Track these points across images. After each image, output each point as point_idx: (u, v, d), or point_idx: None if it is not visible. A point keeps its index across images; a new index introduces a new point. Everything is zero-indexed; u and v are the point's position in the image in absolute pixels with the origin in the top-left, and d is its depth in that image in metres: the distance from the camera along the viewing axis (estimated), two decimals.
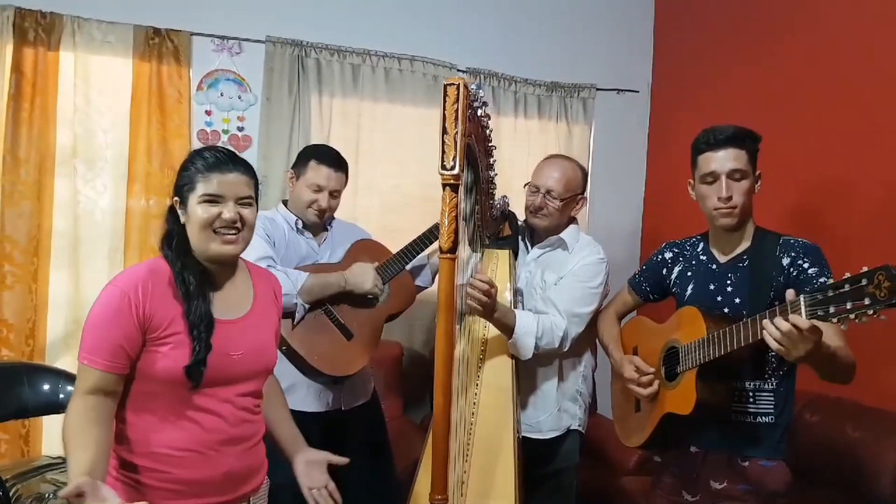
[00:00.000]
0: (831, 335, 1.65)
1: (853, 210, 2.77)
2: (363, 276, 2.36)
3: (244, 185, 1.58)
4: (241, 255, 1.87)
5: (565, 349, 2.21)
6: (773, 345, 1.55)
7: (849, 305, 1.37)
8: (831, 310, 1.41)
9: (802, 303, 1.47)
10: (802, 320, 1.48)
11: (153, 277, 1.53)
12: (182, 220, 1.58)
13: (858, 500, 2.41)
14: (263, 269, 1.84)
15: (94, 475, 1.35)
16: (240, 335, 1.61)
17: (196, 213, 1.54)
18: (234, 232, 1.56)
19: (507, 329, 2.12)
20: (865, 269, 1.36)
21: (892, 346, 2.54)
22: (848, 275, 1.39)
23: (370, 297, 2.41)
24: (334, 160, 2.42)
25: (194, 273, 1.56)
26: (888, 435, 2.39)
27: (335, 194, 2.42)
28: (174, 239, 1.59)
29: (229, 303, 1.62)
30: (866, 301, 1.34)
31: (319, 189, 2.38)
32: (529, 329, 2.12)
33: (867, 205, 2.72)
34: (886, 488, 2.31)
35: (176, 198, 1.59)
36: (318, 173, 2.38)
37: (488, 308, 2.02)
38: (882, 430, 2.41)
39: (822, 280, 1.76)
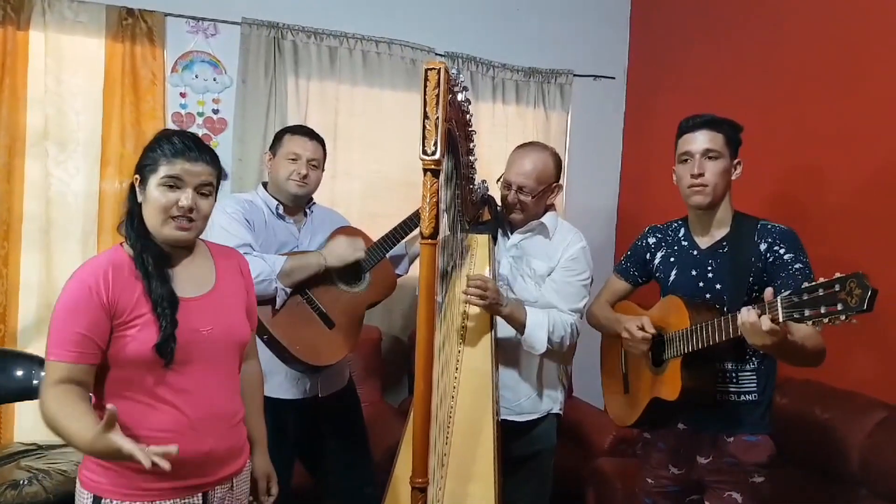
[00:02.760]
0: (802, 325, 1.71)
1: (827, 196, 2.82)
2: (341, 248, 2.35)
3: (207, 175, 1.59)
4: (218, 241, 1.87)
5: (575, 341, 2.26)
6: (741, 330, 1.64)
7: (822, 310, 1.42)
8: (806, 313, 1.46)
9: (779, 305, 1.53)
10: (767, 322, 1.55)
11: (114, 265, 1.55)
12: (139, 199, 1.59)
13: (828, 479, 2.47)
14: (225, 246, 1.84)
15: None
16: (206, 311, 1.62)
17: (154, 195, 1.56)
18: (187, 220, 1.57)
19: (519, 324, 2.16)
20: (838, 274, 1.40)
21: (860, 330, 2.59)
22: (822, 279, 1.44)
23: (357, 267, 2.42)
24: (308, 131, 2.49)
25: (152, 253, 1.57)
26: (856, 415, 2.44)
27: (313, 163, 2.42)
28: (135, 219, 1.60)
29: (191, 280, 1.63)
30: (839, 307, 1.39)
31: (297, 157, 2.39)
32: (541, 323, 2.16)
33: (841, 191, 2.76)
34: (854, 467, 2.37)
35: (137, 175, 1.60)
36: (293, 143, 2.41)
37: (492, 302, 2.05)
38: (850, 412, 2.47)
39: (797, 266, 1.82)
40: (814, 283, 1.45)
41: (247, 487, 1.75)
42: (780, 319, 1.52)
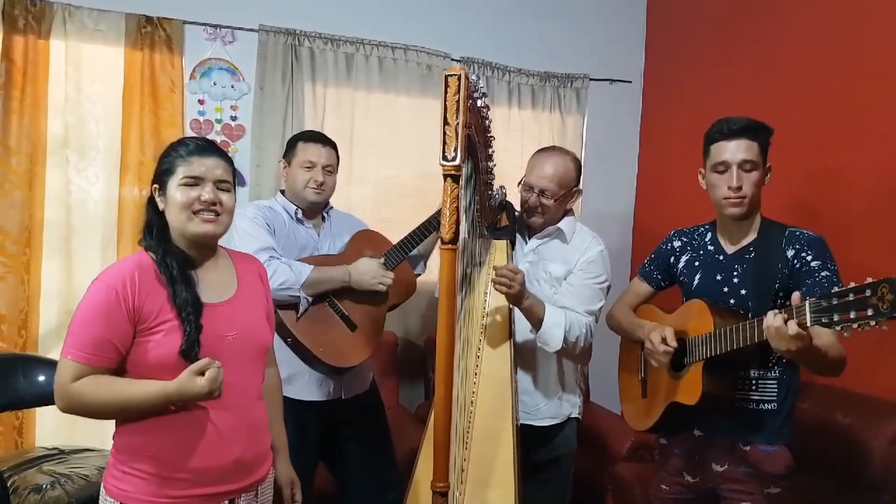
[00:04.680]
0: (825, 332, 1.69)
1: (849, 200, 2.79)
2: (368, 274, 2.36)
3: (223, 170, 1.62)
4: (240, 247, 1.88)
5: (589, 344, 2.25)
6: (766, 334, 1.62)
7: (852, 315, 1.40)
8: (835, 317, 1.44)
9: (808, 309, 1.50)
10: (793, 326, 1.54)
11: (139, 269, 1.56)
12: (161, 206, 1.61)
13: (848, 485, 2.45)
14: (244, 253, 1.86)
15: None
16: (230, 317, 1.63)
17: (175, 196, 1.58)
18: (213, 213, 1.59)
19: (537, 319, 2.16)
20: (870, 279, 1.38)
21: (881, 335, 2.57)
22: (853, 284, 1.42)
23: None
24: (321, 137, 2.52)
25: (176, 258, 1.59)
26: (877, 421, 2.42)
27: (329, 169, 2.46)
28: (153, 228, 1.62)
29: (214, 286, 1.64)
30: (869, 312, 1.37)
31: (312, 165, 2.42)
32: (558, 321, 2.16)
33: (862, 195, 2.74)
34: (876, 473, 2.35)
35: (155, 185, 1.62)
36: (307, 151, 2.44)
37: (518, 293, 2.05)
38: (871, 417, 2.45)
39: (824, 274, 1.80)
40: (844, 288, 1.43)
41: (270, 495, 1.75)
42: (808, 323, 1.50)
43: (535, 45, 3.97)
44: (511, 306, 2.17)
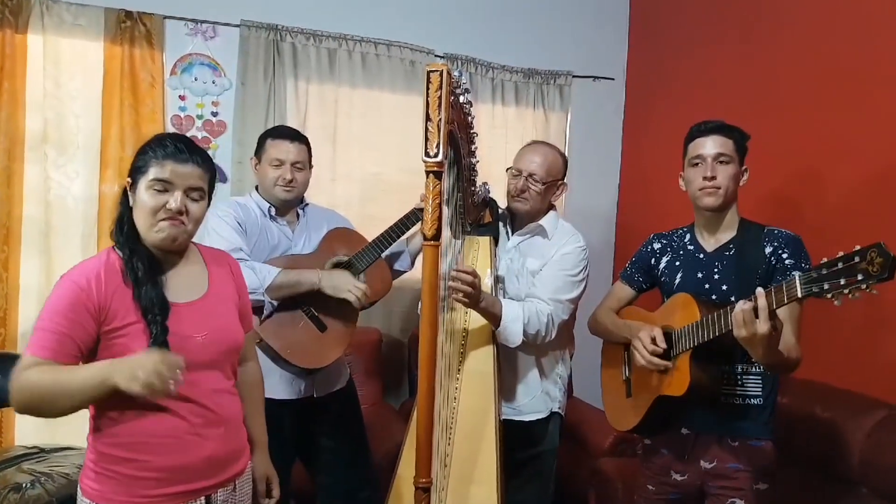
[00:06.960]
0: (786, 335, 1.75)
1: (829, 200, 2.81)
2: (340, 282, 2.30)
3: (197, 178, 1.57)
4: (210, 244, 1.85)
5: (553, 335, 2.22)
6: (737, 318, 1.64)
7: (842, 282, 1.42)
8: (826, 286, 1.46)
9: (798, 280, 1.52)
10: (763, 326, 1.58)
11: (106, 268, 1.54)
12: (131, 203, 1.57)
13: (828, 478, 2.47)
14: (216, 249, 1.83)
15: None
16: (200, 316, 1.61)
17: (143, 198, 1.54)
18: (177, 222, 1.55)
19: (494, 318, 2.13)
20: (858, 247, 1.41)
21: (859, 329, 2.61)
22: (841, 253, 1.44)
23: (350, 268, 2.41)
24: (290, 133, 2.48)
25: (142, 258, 1.55)
26: (856, 415, 2.45)
27: (298, 166, 2.42)
28: (125, 224, 1.58)
29: (183, 286, 1.62)
30: (859, 277, 1.40)
31: (281, 163, 2.39)
32: (516, 316, 2.15)
33: (843, 195, 2.76)
34: (855, 467, 2.37)
35: (129, 179, 1.58)
36: (276, 148, 2.41)
37: (473, 298, 2.02)
38: (851, 411, 2.47)
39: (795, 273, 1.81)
40: (833, 258, 1.45)
41: (249, 489, 1.74)
42: (799, 296, 1.52)
43: (518, 41, 3.97)
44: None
